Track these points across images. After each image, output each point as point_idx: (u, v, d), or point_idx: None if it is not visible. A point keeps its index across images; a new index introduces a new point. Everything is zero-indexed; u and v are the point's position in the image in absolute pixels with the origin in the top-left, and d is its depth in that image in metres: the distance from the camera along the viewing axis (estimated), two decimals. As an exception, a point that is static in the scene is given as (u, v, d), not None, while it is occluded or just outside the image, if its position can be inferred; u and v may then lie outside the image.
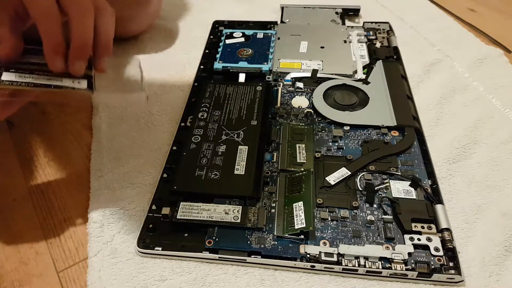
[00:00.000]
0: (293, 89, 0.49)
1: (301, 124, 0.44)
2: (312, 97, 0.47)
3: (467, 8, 0.67)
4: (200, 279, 0.32)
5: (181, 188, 0.37)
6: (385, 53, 0.53)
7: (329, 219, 0.35)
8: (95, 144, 0.44)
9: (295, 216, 0.34)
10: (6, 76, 0.29)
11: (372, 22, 0.60)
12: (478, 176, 0.40)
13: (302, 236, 0.33)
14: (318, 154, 0.40)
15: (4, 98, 0.30)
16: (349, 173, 0.38)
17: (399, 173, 0.38)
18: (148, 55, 0.57)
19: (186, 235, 0.34)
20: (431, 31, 0.60)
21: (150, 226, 0.35)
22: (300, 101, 0.47)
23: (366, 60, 0.52)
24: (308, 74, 0.50)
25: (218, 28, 0.60)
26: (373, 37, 0.57)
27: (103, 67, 0.33)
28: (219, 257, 0.33)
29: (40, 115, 0.48)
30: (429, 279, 0.32)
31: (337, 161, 0.40)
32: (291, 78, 0.50)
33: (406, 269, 0.32)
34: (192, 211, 0.35)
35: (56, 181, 0.41)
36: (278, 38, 0.56)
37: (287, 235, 0.34)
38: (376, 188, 0.37)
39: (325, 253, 0.32)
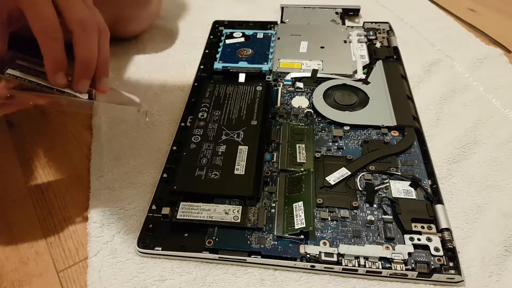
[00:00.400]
0: (293, 89, 0.49)
1: (301, 124, 0.44)
2: (312, 97, 0.47)
3: (467, 8, 0.67)
4: (200, 279, 0.32)
5: (181, 188, 0.37)
6: (385, 53, 0.53)
7: (329, 219, 0.35)
8: (95, 144, 0.44)
9: (295, 216, 0.34)
10: (11, 71, 0.30)
11: (372, 22, 0.60)
12: (478, 176, 0.40)
13: (302, 236, 0.33)
14: (318, 154, 0.40)
15: (3, 101, 0.30)
16: (349, 173, 0.38)
17: (399, 173, 0.38)
18: (148, 55, 0.57)
19: (186, 235, 0.34)
20: (431, 31, 0.60)
21: (150, 226, 0.35)
22: (300, 101, 0.47)
23: (366, 60, 0.52)
24: (308, 74, 0.50)
25: (218, 28, 0.60)
26: (373, 37, 0.57)
27: (104, 88, 0.33)
28: (219, 257, 0.33)
29: (40, 115, 0.48)
30: (429, 279, 0.32)
31: (337, 161, 0.40)
32: (291, 78, 0.50)
33: (406, 269, 0.32)
34: (192, 211, 0.35)
35: (56, 181, 0.41)
36: (278, 38, 0.56)
37: (287, 235, 0.34)
38: (376, 188, 0.37)
39: (325, 253, 0.32)
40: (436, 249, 0.32)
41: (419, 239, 0.33)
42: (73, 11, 0.29)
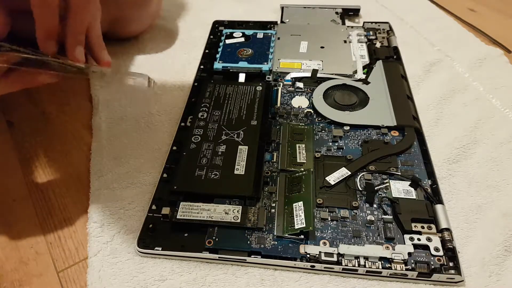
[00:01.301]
0: (293, 89, 0.49)
1: (301, 124, 0.44)
2: (312, 97, 0.47)
3: (467, 8, 0.67)
4: (200, 279, 0.32)
5: (181, 188, 0.37)
6: (385, 53, 0.53)
7: (329, 219, 0.35)
8: (95, 144, 0.44)
9: (295, 216, 0.34)
10: (7, 42, 0.30)
11: (372, 22, 0.60)
12: (478, 176, 0.40)
13: (302, 236, 0.33)
14: (318, 154, 0.40)
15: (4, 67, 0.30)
16: (349, 173, 0.38)
17: (399, 173, 0.38)
18: (148, 55, 0.57)
19: (186, 235, 0.34)
20: (431, 31, 0.60)
21: (150, 226, 0.35)
22: (300, 101, 0.47)
23: (366, 60, 0.52)
24: (308, 74, 0.50)
25: (218, 28, 0.60)
26: (373, 37, 0.57)
27: (108, 59, 0.34)
28: (219, 257, 0.33)
29: (40, 115, 0.48)
30: (429, 279, 0.32)
31: (337, 161, 0.40)
32: (291, 78, 0.50)
33: (406, 269, 0.32)
34: (192, 211, 0.35)
35: (56, 181, 0.41)
36: (278, 38, 0.56)
37: (287, 235, 0.34)
38: (376, 188, 0.37)
39: (325, 253, 0.32)
40: (436, 249, 0.32)
41: (419, 239, 0.33)
42: None
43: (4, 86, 0.31)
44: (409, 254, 0.32)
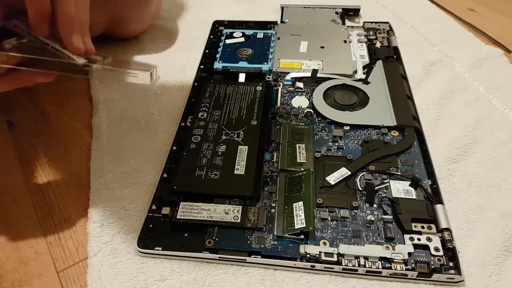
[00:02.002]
0: (293, 89, 0.49)
1: (301, 124, 0.44)
2: (312, 97, 0.47)
3: (467, 8, 0.67)
4: (200, 279, 0.32)
5: (181, 188, 0.37)
6: (385, 53, 0.53)
7: (329, 219, 0.35)
8: (95, 144, 0.44)
9: (295, 216, 0.34)
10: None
11: (372, 22, 0.60)
12: (478, 176, 0.40)
13: (302, 236, 0.33)
14: (318, 154, 0.40)
15: (8, 65, 0.30)
16: (349, 173, 0.38)
17: (399, 173, 0.38)
18: (148, 55, 0.57)
19: (186, 235, 0.34)
20: (431, 31, 0.60)
21: (150, 226, 0.35)
22: (300, 101, 0.47)
23: (366, 60, 0.52)
24: (308, 74, 0.50)
25: (218, 28, 0.60)
26: (373, 37, 0.57)
27: (91, 47, 0.32)
28: (219, 257, 0.33)
29: (40, 115, 0.48)
30: (429, 279, 0.32)
31: (337, 161, 0.40)
32: (291, 78, 0.50)
33: (406, 269, 0.32)
34: (192, 211, 0.35)
35: (56, 181, 0.41)
36: (278, 38, 0.56)
37: (287, 235, 0.34)
38: (376, 188, 0.37)
39: (325, 253, 0.32)
40: (436, 249, 0.32)
41: (419, 239, 0.33)
42: None
43: (1, 85, 0.31)
44: (409, 254, 0.32)
